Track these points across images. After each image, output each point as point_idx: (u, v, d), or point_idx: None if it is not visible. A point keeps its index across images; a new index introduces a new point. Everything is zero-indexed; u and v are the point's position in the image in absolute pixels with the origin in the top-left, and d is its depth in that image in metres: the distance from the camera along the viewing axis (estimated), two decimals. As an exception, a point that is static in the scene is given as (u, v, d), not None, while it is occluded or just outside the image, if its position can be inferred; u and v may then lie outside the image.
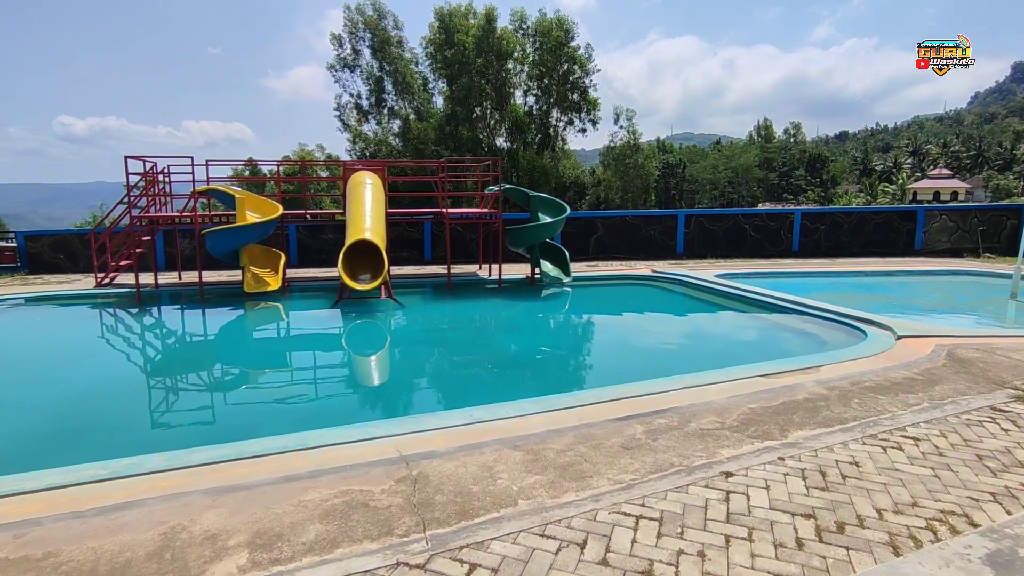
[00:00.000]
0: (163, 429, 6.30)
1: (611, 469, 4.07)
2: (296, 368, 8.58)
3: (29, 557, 3.21)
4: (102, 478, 4.12)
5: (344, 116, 36.59)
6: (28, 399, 7.06)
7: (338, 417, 6.63)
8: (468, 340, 9.92)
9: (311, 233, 16.32)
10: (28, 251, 16.82)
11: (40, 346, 9.93)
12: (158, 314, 11.80)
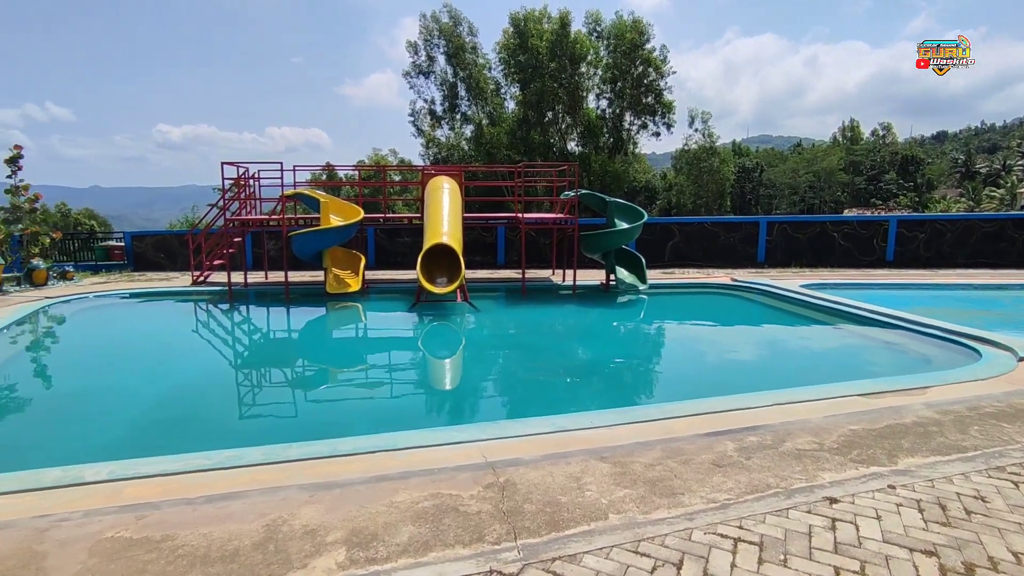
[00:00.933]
0: (252, 422, 6.61)
1: (703, 487, 3.92)
2: (377, 368, 8.83)
3: (150, 539, 3.43)
4: (207, 468, 4.37)
5: (418, 121, 37.59)
6: (139, 388, 7.61)
7: (417, 418, 6.77)
8: (544, 346, 9.90)
9: (388, 236, 16.82)
10: (134, 250, 18.23)
11: (144, 339, 10.73)
12: (247, 312, 12.46)
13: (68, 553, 3.30)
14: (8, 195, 15.96)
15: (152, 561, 3.22)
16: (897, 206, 53.89)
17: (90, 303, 12.52)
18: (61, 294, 12.71)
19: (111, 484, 4.11)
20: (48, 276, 14.58)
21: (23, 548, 3.35)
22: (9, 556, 3.27)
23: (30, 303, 11.55)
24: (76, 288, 13.74)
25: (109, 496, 3.94)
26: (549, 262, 16.06)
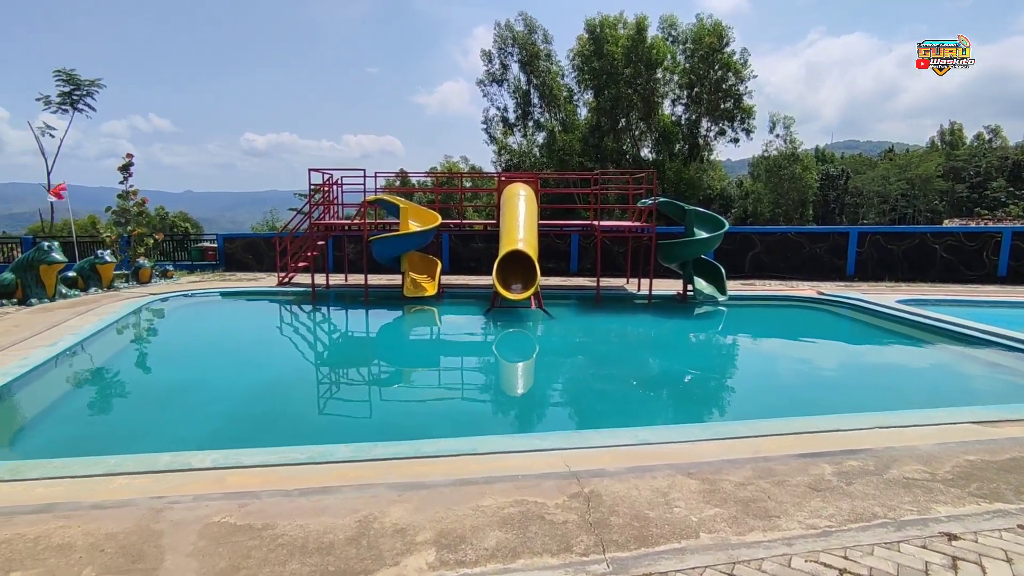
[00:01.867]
0: (335, 419, 6.85)
1: (800, 511, 3.71)
2: (453, 371, 8.97)
3: (252, 526, 3.61)
4: (300, 461, 4.56)
5: (491, 128, 38.13)
6: (233, 382, 8.08)
7: (494, 423, 6.82)
8: (620, 355, 9.75)
9: (462, 242, 17.10)
10: (225, 251, 19.43)
11: (236, 336, 11.41)
12: (329, 313, 13.00)
13: (181, 534, 3.52)
14: (119, 199, 17.44)
15: (255, 548, 3.39)
16: (1007, 216, 49.40)
17: (188, 300, 13.44)
18: (163, 291, 13.72)
19: (215, 471, 4.37)
20: (152, 274, 15.77)
21: (143, 526, 3.61)
22: (132, 532, 3.53)
23: (138, 299, 12.53)
24: (175, 286, 14.79)
25: (214, 483, 4.19)
26: (623, 270, 15.82)
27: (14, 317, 10.39)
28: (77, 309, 11.17)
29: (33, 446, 5.74)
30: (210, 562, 3.25)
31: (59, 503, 3.87)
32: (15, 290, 11.83)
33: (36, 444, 5.83)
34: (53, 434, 6.24)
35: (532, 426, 6.58)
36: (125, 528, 3.58)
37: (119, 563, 3.25)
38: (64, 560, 3.27)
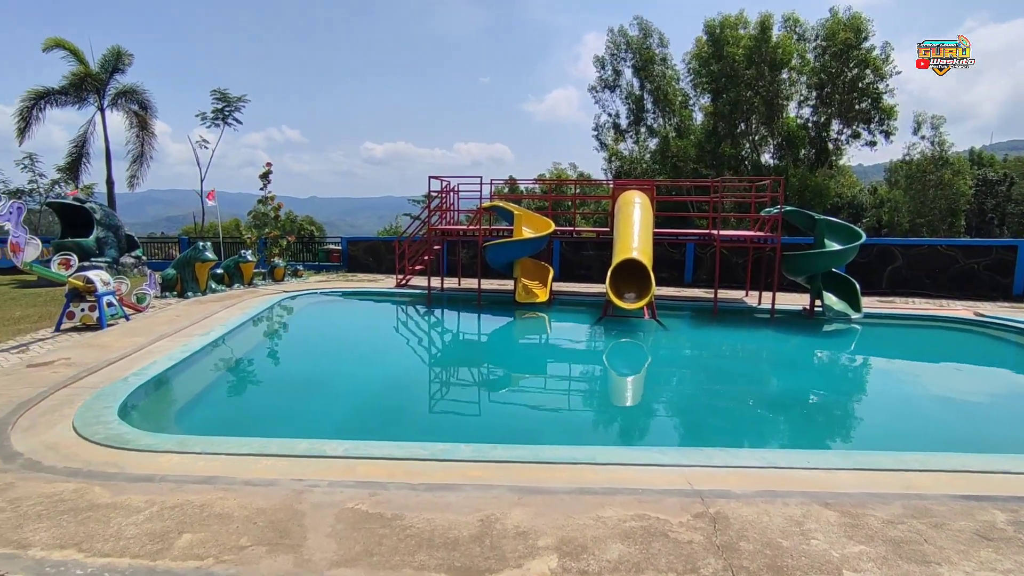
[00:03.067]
0: (451, 418, 7.05)
1: (967, 560, 3.30)
2: (563, 378, 8.97)
3: (382, 515, 3.80)
4: (424, 457, 4.74)
5: (601, 135, 37.78)
6: (357, 377, 8.60)
7: (606, 434, 6.72)
8: (740, 372, 9.25)
9: (573, 249, 17.08)
10: (349, 253, 20.78)
11: (359, 333, 12.15)
12: (443, 315, 13.48)
13: (320, 516, 3.79)
14: (259, 204, 19.24)
15: (386, 536, 3.56)
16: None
17: (316, 298, 14.52)
18: (295, 289, 14.93)
19: (346, 460, 4.66)
20: (285, 273, 17.22)
21: (287, 505, 3.92)
22: (278, 509, 3.85)
23: (273, 295, 13.74)
24: (305, 284, 16.03)
25: (346, 471, 4.47)
26: (742, 282, 15.03)
27: (175, 308, 11.76)
28: (224, 302, 12.44)
29: (193, 423, 6.44)
30: (347, 545, 3.47)
31: (218, 476, 4.31)
32: (176, 284, 13.41)
33: (195, 421, 6.55)
34: (208, 413, 6.99)
35: (648, 439, 6.41)
36: (272, 505, 3.91)
37: (269, 536, 3.55)
38: (224, 528, 3.63)
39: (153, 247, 21.93)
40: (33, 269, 9.32)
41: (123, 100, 25.47)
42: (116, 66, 24.95)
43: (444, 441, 5.08)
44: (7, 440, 4.94)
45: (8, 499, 3.95)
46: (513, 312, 12.85)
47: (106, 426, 5.30)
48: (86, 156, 25.91)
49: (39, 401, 5.95)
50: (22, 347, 8.35)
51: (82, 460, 4.59)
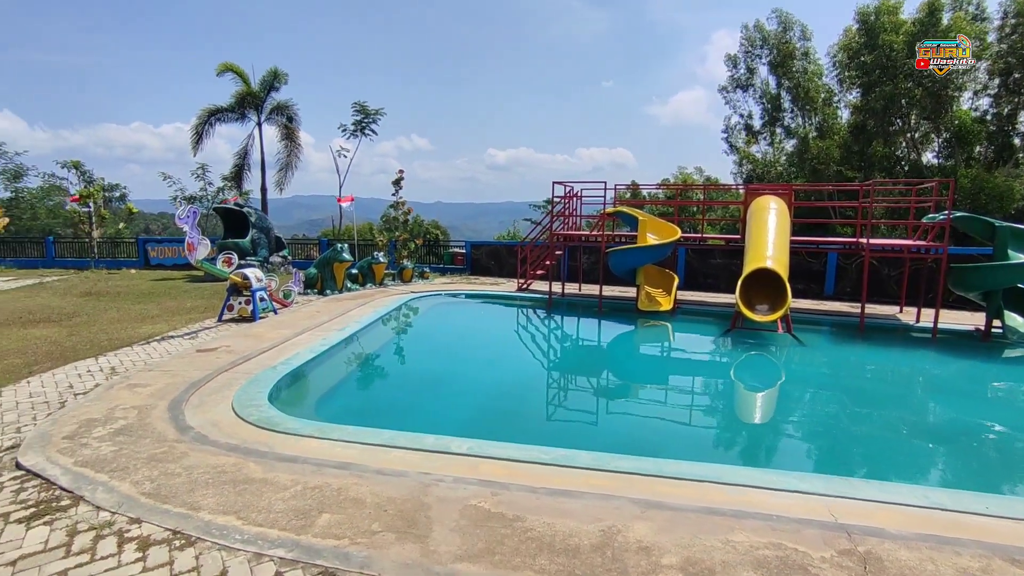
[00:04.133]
0: (569, 425, 6.99)
1: None
2: (687, 391, 8.57)
3: (504, 515, 3.84)
4: (544, 461, 4.73)
5: (731, 137, 35.84)
6: (478, 377, 8.82)
7: (732, 453, 6.30)
8: (892, 397, 8.29)
9: (700, 257, 16.34)
10: (472, 256, 21.42)
11: (482, 334, 12.46)
12: (563, 320, 13.46)
13: (445, 510, 3.90)
14: (391, 209, 20.44)
15: (507, 536, 3.59)
16: None
17: (441, 299, 15.12)
18: (422, 290, 15.65)
19: (470, 458, 4.77)
20: (412, 274, 18.13)
21: (414, 496, 4.08)
22: (407, 500, 4.03)
23: (402, 295, 14.51)
24: (431, 286, 16.76)
25: (469, 468, 4.57)
26: (895, 297, 13.49)
27: (316, 304, 12.81)
28: (358, 301, 13.34)
29: (330, 411, 6.94)
30: (470, 540, 3.53)
31: (353, 463, 4.60)
32: (316, 282, 14.62)
33: (331, 409, 7.05)
34: (343, 403, 7.51)
35: (781, 463, 5.92)
36: (401, 495, 4.09)
37: (398, 524, 3.71)
38: (358, 512, 3.85)
39: (297, 248, 24.12)
40: (203, 266, 10.59)
41: (276, 114, 28.36)
42: (272, 84, 27.85)
43: (562, 447, 5.04)
44: (182, 415, 5.64)
45: (183, 466, 4.49)
46: (635, 320, 12.53)
47: (258, 409, 5.87)
48: (247, 166, 29.18)
49: (206, 382, 6.74)
50: (192, 334, 9.52)
51: (239, 438, 5.11)
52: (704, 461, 4.86)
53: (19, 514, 3.82)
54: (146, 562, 3.31)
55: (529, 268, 15.75)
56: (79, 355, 8.03)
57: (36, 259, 22.81)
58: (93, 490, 4.09)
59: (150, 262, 22.22)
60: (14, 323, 10.38)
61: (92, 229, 22.23)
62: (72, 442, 4.93)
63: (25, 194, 31.97)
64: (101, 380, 6.86)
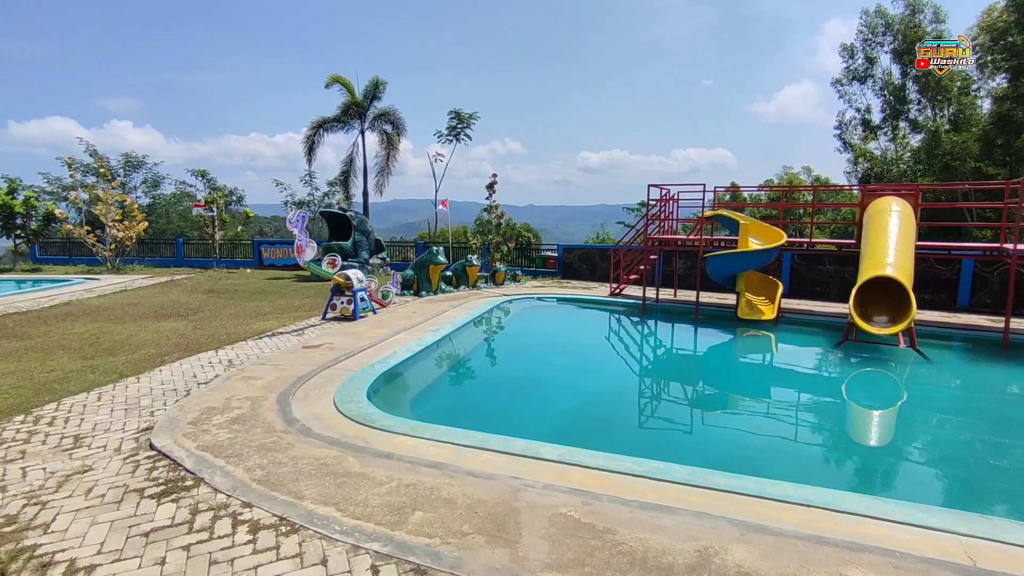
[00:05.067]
0: (661, 435, 6.73)
1: None
2: (791, 407, 8.01)
3: (594, 526, 3.74)
4: (636, 473, 4.58)
5: (845, 134, 33.23)
6: (569, 383, 8.73)
7: (844, 478, 5.80)
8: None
9: (807, 263, 15.28)
10: (564, 260, 21.33)
11: (572, 339, 12.35)
12: (657, 327, 13.05)
13: (535, 516, 3.87)
14: (485, 212, 20.79)
15: (598, 548, 3.49)
16: None
17: (532, 302, 15.16)
18: (514, 293, 15.77)
19: (560, 465, 4.71)
20: (505, 277, 18.33)
21: (504, 500, 4.08)
22: (497, 503, 4.03)
23: (494, 298, 14.70)
24: (523, 289, 16.85)
25: (559, 475, 4.51)
26: (1042, 309, 11.90)
27: (412, 305, 13.26)
28: (452, 302, 13.66)
29: (423, 410, 7.14)
30: (559, 550, 3.48)
31: (445, 464, 4.68)
32: (413, 283, 15.14)
33: (425, 408, 7.26)
34: (436, 403, 7.70)
35: (902, 493, 5.36)
36: (491, 498, 4.10)
37: (488, 527, 3.72)
38: (450, 512, 3.91)
39: (395, 250, 25.13)
40: (310, 267, 11.27)
41: (378, 122, 29.74)
42: (375, 94, 29.24)
43: (655, 459, 4.86)
44: (289, 407, 6.01)
45: (290, 456, 4.77)
46: (734, 329, 11.91)
47: (357, 405, 6.14)
48: (353, 172, 30.83)
49: (310, 377, 7.14)
50: (299, 331, 10.15)
51: (339, 432, 5.36)
52: (811, 484, 4.49)
53: (151, 490, 4.22)
54: (256, 544, 3.53)
55: (622, 273, 15.44)
56: (202, 347, 8.80)
57: (168, 259, 25.36)
58: (212, 473, 4.44)
59: (263, 262, 24.04)
60: (150, 317, 11.57)
61: (215, 232, 24.37)
62: (195, 427, 5.39)
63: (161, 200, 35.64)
64: (220, 371, 7.47)
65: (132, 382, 6.98)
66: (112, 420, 5.69)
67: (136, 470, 4.56)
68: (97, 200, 21.80)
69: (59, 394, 6.47)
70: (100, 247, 21.96)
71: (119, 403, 6.20)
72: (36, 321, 10.92)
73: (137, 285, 16.69)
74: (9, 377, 7.13)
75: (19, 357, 8.13)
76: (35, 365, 7.70)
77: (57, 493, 4.20)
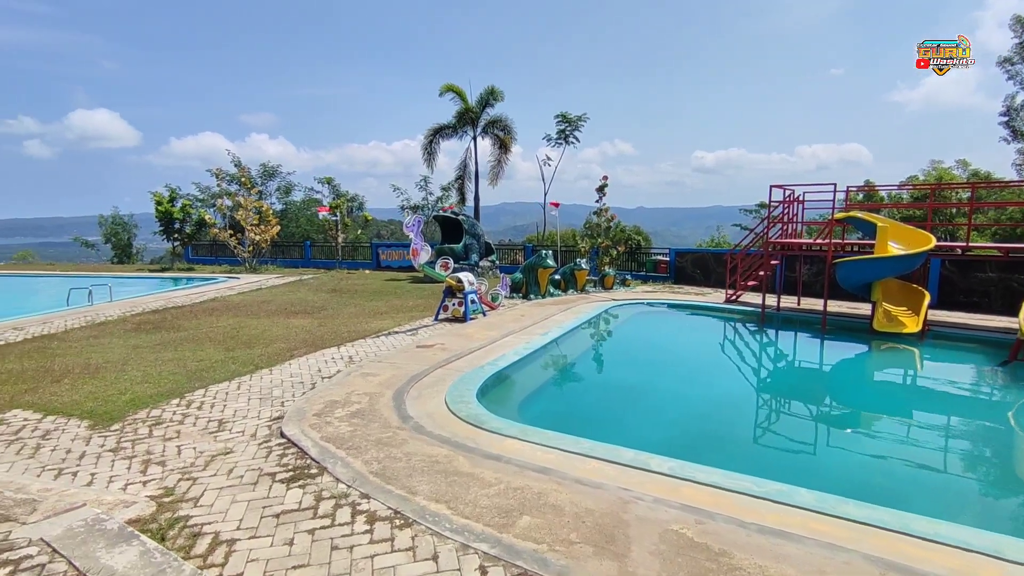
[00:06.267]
0: (782, 454, 6.25)
1: None
2: (940, 432, 7.13)
3: (708, 547, 3.53)
4: (755, 494, 4.27)
5: (1015, 121, 29.25)
6: (680, 393, 8.38)
7: (1007, 521, 5.04)
8: None
9: (960, 270, 13.58)
10: (676, 264, 20.57)
11: (683, 347, 11.86)
12: (778, 337, 12.19)
13: (644, 530, 3.72)
14: (594, 216, 20.54)
15: (712, 571, 3.29)
16: None
17: (642, 308, 14.74)
18: (623, 298, 15.44)
19: (671, 479, 4.51)
20: (614, 281, 18.00)
21: (612, 511, 3.97)
22: (605, 513, 3.93)
23: (603, 303, 14.47)
24: (632, 294, 16.45)
25: (670, 490, 4.32)
26: None
27: (520, 308, 13.38)
28: (560, 306, 13.63)
29: (530, 413, 7.16)
30: (670, 568, 3.32)
31: (553, 469, 4.65)
32: (521, 286, 15.29)
33: (532, 412, 7.27)
34: (542, 407, 7.69)
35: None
36: (599, 508, 4.01)
37: (595, 538, 3.64)
38: (557, 519, 3.86)
39: (503, 252, 25.55)
40: (424, 269, 11.73)
41: (490, 128, 30.45)
42: (488, 101, 29.98)
43: (775, 479, 4.50)
44: (403, 405, 6.27)
45: (404, 452, 4.97)
46: (868, 342, 10.83)
47: (467, 405, 6.28)
48: (467, 176, 31.84)
49: (423, 376, 7.41)
50: (413, 331, 10.58)
51: (450, 431, 5.50)
52: (970, 525, 3.95)
53: (282, 475, 4.57)
54: (372, 535, 3.70)
55: (739, 278, 14.62)
56: (326, 343, 9.44)
57: (297, 260, 27.59)
58: (334, 464, 4.72)
59: (380, 264, 25.44)
60: (281, 313, 12.62)
61: (338, 235, 26.17)
62: (319, 419, 5.78)
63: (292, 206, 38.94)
64: (341, 367, 7.96)
65: (266, 373, 7.64)
66: (249, 408, 6.25)
67: (269, 455, 4.96)
68: (238, 206, 24.22)
69: (206, 381, 7.21)
70: (240, 249, 24.35)
71: (255, 392, 6.80)
72: (188, 315, 12.30)
73: (270, 284, 18.30)
74: (169, 364, 8.06)
75: (176, 347, 9.19)
76: (188, 354, 8.66)
77: (205, 471, 4.67)
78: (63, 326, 10.87)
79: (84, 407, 6.20)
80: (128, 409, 6.15)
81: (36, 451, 5.09)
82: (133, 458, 4.93)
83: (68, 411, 6.08)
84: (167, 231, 25.53)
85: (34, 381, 7.19)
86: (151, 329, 10.65)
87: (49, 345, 9.26)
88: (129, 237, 33.11)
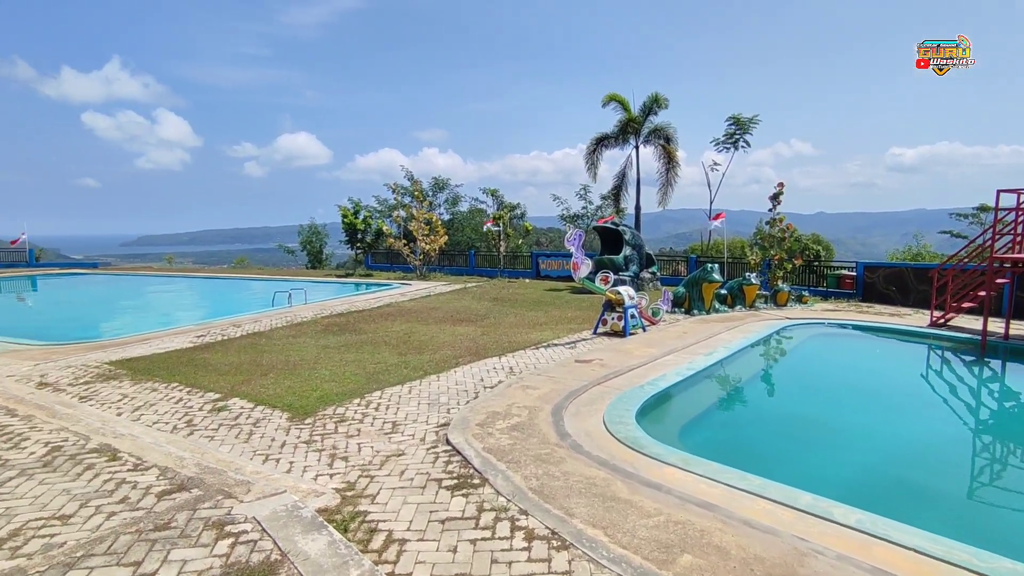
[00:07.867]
0: (1006, 515, 5.18)
1: None
2: None
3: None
4: (974, 569, 3.61)
5: None
6: (870, 432, 7.38)
7: None
8: None
9: None
10: (864, 280, 18.24)
11: (873, 378, 10.42)
12: (1005, 371, 10.22)
13: (826, 594, 3.32)
14: (767, 226, 18.98)
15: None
16: None
17: (823, 328, 13.28)
18: (799, 316, 14.07)
19: (860, 535, 3.97)
20: (788, 298, 16.47)
21: (787, 562, 3.60)
22: (777, 564, 3.58)
23: (775, 321, 13.30)
24: (810, 312, 14.92)
25: (858, 548, 3.80)
26: None
27: (683, 325, 12.80)
28: (726, 324, 12.79)
29: (692, 441, 6.77)
30: (860, 646, 2.90)
31: (717, 506, 4.35)
32: (684, 301, 14.62)
33: (694, 440, 6.87)
34: (706, 435, 7.25)
35: None
36: (771, 557, 3.65)
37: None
38: (722, 563, 3.60)
39: (664, 263, 24.69)
40: (584, 283, 11.74)
41: (653, 137, 29.69)
42: (651, 109, 29.28)
43: (1003, 555, 3.74)
44: (562, 421, 6.30)
45: (561, 471, 4.99)
46: None
47: (625, 427, 6.13)
48: (625, 186, 31.41)
49: (581, 392, 7.39)
50: (571, 344, 10.62)
51: (608, 452, 5.41)
52: None
53: (447, 482, 4.83)
54: (530, 553, 3.75)
55: (949, 298, 12.54)
56: (488, 353, 9.84)
57: (462, 268, 29.23)
58: (495, 476, 4.88)
59: (540, 273, 25.99)
60: (447, 320, 13.43)
61: (500, 244, 27.27)
62: (482, 429, 6.02)
63: (459, 216, 41.42)
64: (503, 377, 8.24)
65: (434, 379, 8.16)
66: (419, 412, 6.72)
67: (436, 461, 5.28)
68: (411, 218, 26.37)
69: (382, 384, 7.90)
70: (412, 257, 26.45)
71: (423, 398, 7.30)
72: (368, 319, 13.62)
73: (438, 291, 19.60)
74: (351, 366, 8.98)
75: (357, 348, 10.21)
76: (367, 356, 9.57)
77: (380, 470, 5.10)
78: (269, 325, 12.66)
79: (285, 400, 7.14)
80: (318, 405, 6.95)
81: (249, 437, 5.96)
82: (322, 451, 5.55)
83: (273, 403, 7.04)
84: (351, 240, 28.64)
85: (248, 374, 8.44)
86: (337, 331, 11.97)
87: (258, 342, 10.83)
88: (321, 245, 37.73)
